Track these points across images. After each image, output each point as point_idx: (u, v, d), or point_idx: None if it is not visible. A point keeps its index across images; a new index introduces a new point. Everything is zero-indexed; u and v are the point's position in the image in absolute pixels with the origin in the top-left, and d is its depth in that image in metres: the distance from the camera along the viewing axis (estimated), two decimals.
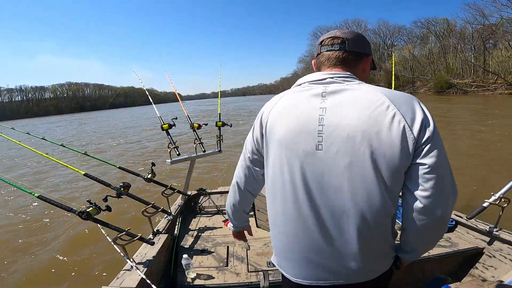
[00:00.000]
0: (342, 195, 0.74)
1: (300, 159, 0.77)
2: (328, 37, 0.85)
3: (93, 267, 2.95)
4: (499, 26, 32.22)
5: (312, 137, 0.76)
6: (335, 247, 0.79)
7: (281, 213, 0.85)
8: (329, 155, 0.74)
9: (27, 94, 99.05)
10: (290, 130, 0.79)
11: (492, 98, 24.41)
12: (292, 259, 0.87)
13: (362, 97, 0.75)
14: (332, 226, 0.77)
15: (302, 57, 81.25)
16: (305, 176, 0.77)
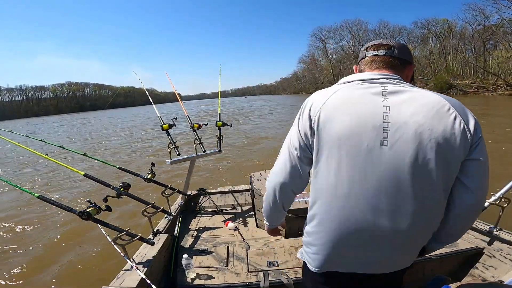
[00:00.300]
0: (404, 189, 0.77)
1: (363, 155, 0.78)
2: (375, 44, 0.92)
3: (93, 267, 2.95)
4: (499, 27, 32.26)
5: (377, 133, 0.77)
6: (387, 239, 0.82)
7: (336, 208, 0.83)
8: (394, 151, 0.76)
9: (27, 94, 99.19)
10: (352, 126, 0.79)
11: (492, 99, 24.44)
12: (339, 253, 0.87)
13: (423, 98, 0.79)
14: (388, 218, 0.79)
15: (302, 58, 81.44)
16: (366, 172, 0.78)
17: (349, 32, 60.12)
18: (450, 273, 1.69)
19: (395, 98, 0.80)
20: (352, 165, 0.79)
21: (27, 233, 3.95)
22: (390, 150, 0.76)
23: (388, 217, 0.79)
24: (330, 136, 0.81)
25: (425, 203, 0.79)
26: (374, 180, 0.77)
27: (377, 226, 0.80)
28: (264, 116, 21.98)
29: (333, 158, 0.81)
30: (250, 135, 12.46)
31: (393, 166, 0.76)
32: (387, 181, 0.77)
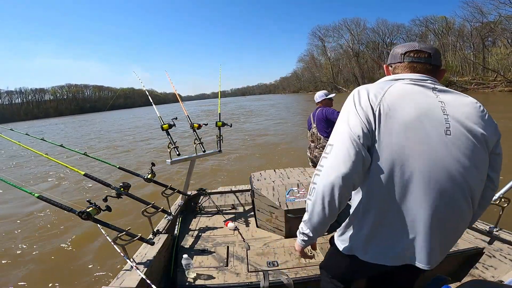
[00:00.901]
0: (460, 176, 0.83)
1: (429, 142, 0.82)
2: (414, 50, 0.96)
3: (93, 267, 2.95)
4: (497, 24, 32.22)
5: (441, 123, 0.84)
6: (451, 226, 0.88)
7: (395, 196, 0.86)
8: (455, 139, 0.83)
9: (27, 96, 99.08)
10: (417, 115, 0.84)
11: (492, 95, 24.41)
12: (391, 244, 0.92)
13: (464, 98, 0.90)
14: (445, 206, 0.84)
15: (301, 57, 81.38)
16: (430, 160, 0.82)
17: (347, 31, 60.09)
18: (450, 273, 1.68)
19: (445, 96, 0.89)
20: (416, 151, 0.82)
21: (27, 233, 3.95)
22: (453, 138, 0.83)
23: (453, 204, 0.85)
24: (396, 124, 0.83)
25: (476, 191, 0.87)
26: (437, 168, 0.82)
27: (433, 215, 0.84)
28: (264, 115, 22.03)
29: (396, 146, 0.83)
30: (251, 133, 12.72)
31: (453, 154, 0.83)
32: (452, 166, 0.82)
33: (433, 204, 0.83)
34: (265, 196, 2.11)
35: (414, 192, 0.83)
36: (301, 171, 2.50)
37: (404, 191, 0.84)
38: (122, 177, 2.28)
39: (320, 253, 1.84)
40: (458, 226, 0.90)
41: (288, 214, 2.02)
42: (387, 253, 0.93)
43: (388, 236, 0.91)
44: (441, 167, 0.82)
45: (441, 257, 0.94)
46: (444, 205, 0.83)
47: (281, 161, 7.24)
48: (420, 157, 0.82)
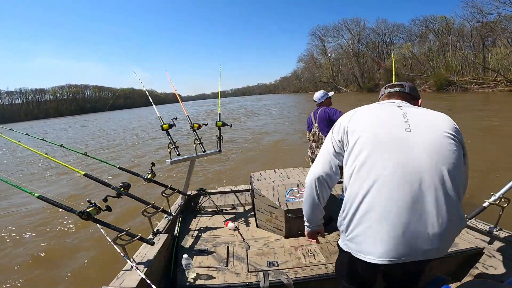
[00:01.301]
0: (427, 165, 0.96)
1: (392, 141, 1.01)
2: (391, 84, 1.30)
3: (93, 267, 2.96)
4: (497, 24, 32.17)
5: (401, 123, 1.05)
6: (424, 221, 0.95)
7: (378, 195, 0.97)
8: (415, 134, 1.02)
9: (27, 97, 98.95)
10: (378, 121, 1.09)
11: (492, 95, 24.40)
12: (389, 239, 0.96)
13: (429, 111, 1.13)
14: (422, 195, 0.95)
15: (301, 56, 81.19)
16: (401, 152, 0.99)
17: (347, 31, 59.95)
18: (450, 273, 1.68)
19: (409, 109, 1.12)
20: (386, 149, 1.00)
21: (26, 233, 3.96)
22: (412, 133, 1.02)
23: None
24: (360, 133, 1.06)
25: (446, 178, 0.96)
26: (405, 158, 0.98)
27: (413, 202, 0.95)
28: (265, 114, 22.10)
29: (367, 150, 1.02)
30: (252, 131, 13.07)
31: (417, 147, 0.99)
32: (417, 159, 0.97)
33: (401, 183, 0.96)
34: (265, 196, 2.11)
35: (382, 182, 0.97)
36: (301, 171, 2.51)
37: (371, 182, 0.98)
38: (122, 177, 2.28)
39: (320, 253, 1.85)
40: (439, 198, 0.95)
41: (288, 214, 2.02)
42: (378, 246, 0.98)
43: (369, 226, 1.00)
44: (404, 154, 0.98)
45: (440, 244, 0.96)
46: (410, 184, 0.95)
47: (281, 159, 7.29)
48: (384, 154, 1.00)
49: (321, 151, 1.23)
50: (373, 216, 0.97)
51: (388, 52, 49.33)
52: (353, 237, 1.05)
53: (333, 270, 1.67)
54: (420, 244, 0.94)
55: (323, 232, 1.45)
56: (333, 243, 1.97)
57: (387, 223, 0.95)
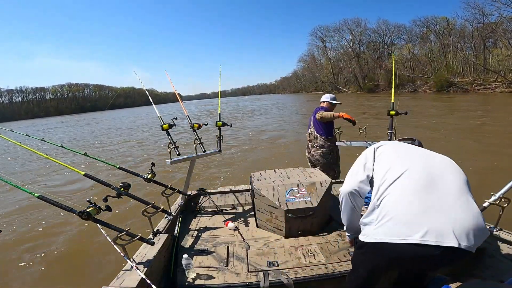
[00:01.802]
0: (435, 171, 1.28)
1: (413, 153, 1.40)
2: (403, 138, 1.66)
3: (93, 267, 2.96)
4: (498, 25, 32.13)
5: (413, 151, 1.43)
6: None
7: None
8: (425, 155, 1.38)
9: (27, 95, 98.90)
10: (397, 149, 1.45)
11: (492, 96, 24.42)
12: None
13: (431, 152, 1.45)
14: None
15: (302, 57, 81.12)
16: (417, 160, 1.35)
17: (348, 31, 59.88)
18: (450, 273, 1.68)
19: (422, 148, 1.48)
20: (408, 157, 1.36)
21: (26, 233, 3.97)
22: (425, 151, 1.42)
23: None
24: (385, 155, 1.42)
25: (451, 175, 1.29)
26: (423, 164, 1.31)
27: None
28: (266, 113, 22.22)
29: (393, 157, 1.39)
30: (254, 128, 14.06)
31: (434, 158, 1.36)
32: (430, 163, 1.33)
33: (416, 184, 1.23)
34: (265, 196, 2.11)
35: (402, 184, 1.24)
36: (301, 171, 2.51)
37: (394, 185, 1.25)
38: (122, 177, 2.28)
39: (320, 253, 1.85)
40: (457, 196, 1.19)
41: (288, 214, 2.02)
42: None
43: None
44: (421, 167, 1.28)
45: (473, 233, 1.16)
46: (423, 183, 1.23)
47: (282, 158, 7.37)
48: (404, 165, 1.30)
49: (354, 164, 1.52)
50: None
51: (389, 52, 49.28)
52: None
53: (333, 270, 1.67)
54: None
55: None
56: (333, 243, 1.97)
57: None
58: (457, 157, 1.48)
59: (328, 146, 3.39)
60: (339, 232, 2.12)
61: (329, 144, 3.39)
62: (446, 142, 7.63)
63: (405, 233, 1.11)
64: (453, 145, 7.21)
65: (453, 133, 8.72)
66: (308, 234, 2.10)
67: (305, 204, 2.06)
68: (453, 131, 9.01)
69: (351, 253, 1.82)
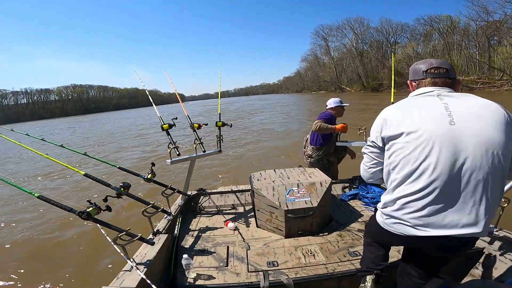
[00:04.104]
0: (470, 154, 1.00)
1: (440, 136, 1.03)
2: (434, 67, 1.19)
3: (93, 267, 2.97)
4: (503, 23, 31.80)
5: (444, 117, 1.05)
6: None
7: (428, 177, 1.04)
8: (459, 126, 1.02)
9: (33, 97, 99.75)
10: (422, 117, 1.08)
11: (498, 94, 24.18)
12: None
13: (473, 98, 1.10)
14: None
15: (304, 56, 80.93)
16: (443, 145, 1.02)
17: (351, 30, 59.64)
18: (450, 273, 1.67)
19: (450, 99, 1.09)
20: (434, 142, 1.03)
21: (26, 233, 3.99)
22: (457, 126, 1.02)
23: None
24: (411, 127, 1.07)
25: (489, 165, 1.00)
26: (451, 149, 1.01)
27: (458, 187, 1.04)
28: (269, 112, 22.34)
29: (418, 142, 1.06)
30: (260, 124, 15.18)
31: (461, 139, 1.01)
32: (461, 149, 1.01)
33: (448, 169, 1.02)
34: (265, 196, 2.10)
35: (430, 167, 1.03)
36: (301, 171, 2.50)
37: (418, 164, 1.06)
38: (122, 177, 2.29)
39: (320, 253, 1.84)
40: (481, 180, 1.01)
41: (288, 214, 2.01)
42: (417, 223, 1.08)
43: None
44: (453, 146, 1.01)
45: (484, 217, 1.03)
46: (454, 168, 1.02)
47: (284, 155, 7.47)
48: (433, 141, 1.03)
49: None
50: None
51: (392, 51, 48.99)
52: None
53: (333, 270, 1.66)
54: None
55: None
56: (333, 243, 1.96)
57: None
58: None
59: (316, 155, 3.29)
60: (339, 232, 2.11)
61: (317, 153, 3.29)
62: None
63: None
64: None
65: None
66: (308, 234, 2.09)
67: (305, 204, 2.05)
68: None
69: (351, 253, 1.81)
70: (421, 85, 1.21)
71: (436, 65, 1.19)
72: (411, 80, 1.27)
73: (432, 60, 1.22)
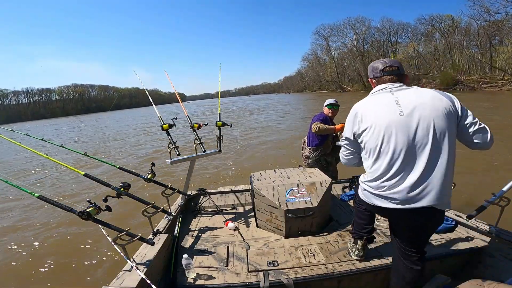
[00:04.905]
0: (419, 140, 1.26)
1: (392, 125, 1.29)
2: (387, 66, 1.45)
3: (93, 267, 2.97)
4: (504, 23, 31.67)
5: (396, 110, 1.31)
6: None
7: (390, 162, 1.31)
8: (408, 115, 1.28)
9: (34, 96, 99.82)
10: (378, 111, 1.35)
11: (499, 94, 24.11)
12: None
13: (421, 90, 1.35)
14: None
15: (305, 56, 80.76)
16: (397, 133, 1.28)
17: (352, 30, 59.47)
18: (450, 273, 1.67)
19: (400, 92, 1.36)
20: (387, 131, 1.30)
21: (26, 233, 4.00)
22: (406, 117, 1.28)
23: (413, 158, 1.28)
24: (369, 122, 1.36)
25: (435, 141, 1.25)
26: (402, 137, 1.27)
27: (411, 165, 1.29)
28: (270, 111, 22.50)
29: (375, 132, 1.33)
30: (262, 121, 15.66)
31: (409, 125, 1.27)
32: (412, 134, 1.26)
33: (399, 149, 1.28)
34: (265, 196, 2.10)
35: (388, 150, 1.30)
36: (301, 171, 2.50)
37: (379, 150, 1.33)
38: (122, 177, 2.29)
39: (320, 253, 1.84)
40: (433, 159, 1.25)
41: (288, 214, 2.01)
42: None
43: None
44: (404, 132, 1.27)
45: (441, 192, 1.25)
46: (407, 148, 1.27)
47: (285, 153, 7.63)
48: (388, 131, 1.29)
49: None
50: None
51: (393, 51, 48.85)
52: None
53: (333, 270, 1.66)
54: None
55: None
56: (333, 243, 1.96)
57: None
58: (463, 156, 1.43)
59: (314, 156, 3.28)
60: (339, 232, 2.11)
61: (314, 154, 3.28)
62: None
63: None
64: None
65: None
66: (308, 234, 2.09)
67: (305, 204, 2.05)
68: None
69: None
70: (380, 82, 1.46)
71: (390, 63, 1.45)
72: (371, 78, 1.52)
73: (385, 59, 1.49)
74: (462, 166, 5.17)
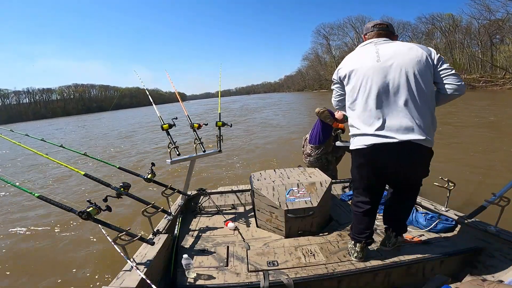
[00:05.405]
0: (395, 83, 1.45)
1: (370, 70, 1.50)
2: (378, 23, 1.66)
3: (93, 267, 2.96)
4: (505, 21, 31.63)
5: (374, 57, 1.51)
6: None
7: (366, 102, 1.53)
8: (384, 62, 1.48)
9: (34, 96, 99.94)
10: (361, 59, 1.57)
11: (500, 93, 24.07)
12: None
13: (402, 43, 1.53)
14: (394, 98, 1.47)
15: (306, 54, 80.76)
16: (373, 77, 1.49)
17: (352, 28, 59.50)
18: (450, 273, 1.67)
19: (383, 45, 1.56)
20: (365, 77, 1.51)
21: (26, 233, 3.99)
22: (382, 63, 1.48)
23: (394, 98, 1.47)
24: (352, 68, 1.58)
25: (410, 80, 1.44)
26: (377, 80, 1.47)
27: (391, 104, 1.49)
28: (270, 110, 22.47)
29: (357, 78, 1.56)
30: (263, 119, 15.93)
31: (386, 70, 1.47)
32: (389, 79, 1.46)
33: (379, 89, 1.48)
34: (265, 196, 2.10)
35: (369, 93, 1.50)
36: (301, 171, 2.50)
37: (358, 91, 1.55)
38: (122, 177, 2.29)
39: (320, 253, 1.84)
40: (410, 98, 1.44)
41: (288, 214, 2.01)
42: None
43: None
44: (380, 76, 1.47)
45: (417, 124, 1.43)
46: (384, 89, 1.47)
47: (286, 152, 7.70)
48: (366, 75, 1.51)
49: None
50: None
51: None
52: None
53: (333, 270, 1.66)
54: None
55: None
56: (333, 243, 1.96)
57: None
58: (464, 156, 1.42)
59: (315, 154, 3.31)
60: (339, 232, 2.11)
61: (316, 152, 3.31)
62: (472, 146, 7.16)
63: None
64: (462, 146, 6.92)
65: (475, 134, 8.16)
66: (308, 234, 2.09)
67: (305, 204, 2.05)
68: (475, 132, 8.49)
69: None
70: (369, 36, 1.65)
71: (380, 21, 1.67)
72: (364, 34, 1.71)
73: (378, 20, 1.72)
74: (462, 165, 5.17)
